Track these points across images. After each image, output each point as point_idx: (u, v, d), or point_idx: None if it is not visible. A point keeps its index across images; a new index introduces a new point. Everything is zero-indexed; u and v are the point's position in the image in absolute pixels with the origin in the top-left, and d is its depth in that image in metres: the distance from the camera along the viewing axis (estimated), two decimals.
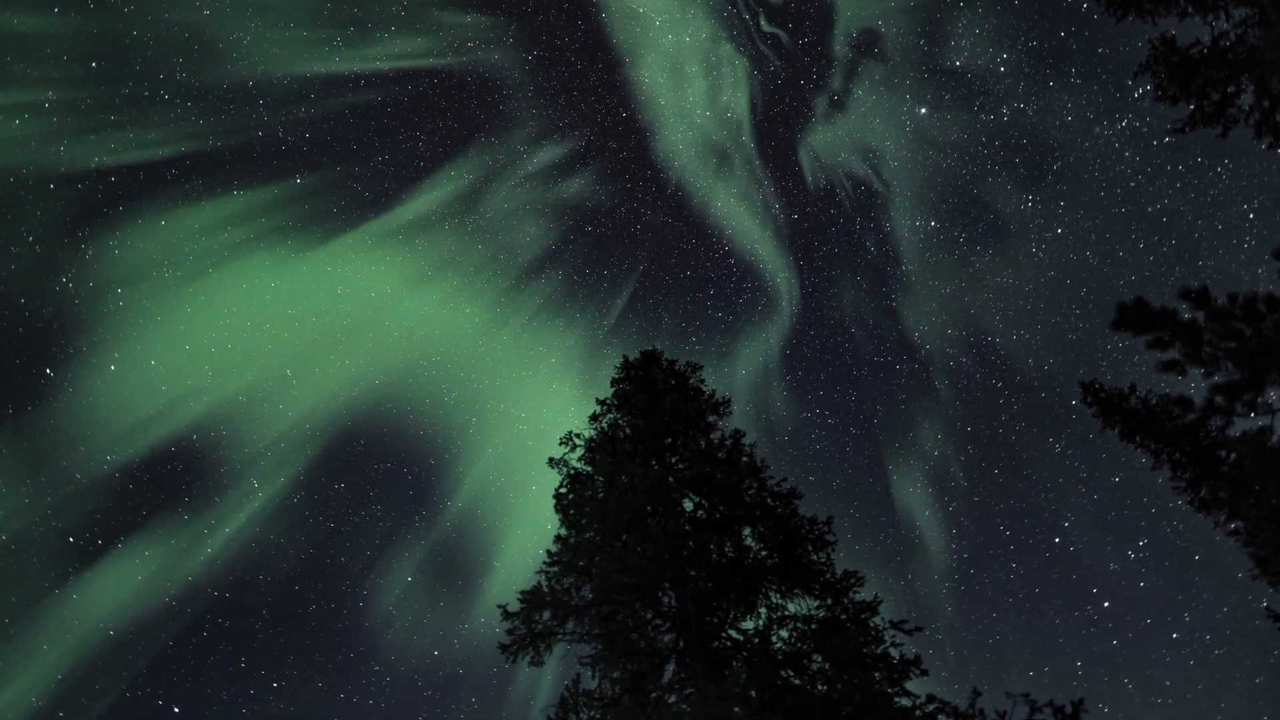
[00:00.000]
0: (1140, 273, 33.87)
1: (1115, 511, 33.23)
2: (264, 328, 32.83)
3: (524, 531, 33.68)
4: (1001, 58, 34.52)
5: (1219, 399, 9.92)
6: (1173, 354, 10.05)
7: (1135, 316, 10.26)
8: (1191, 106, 10.88)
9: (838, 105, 38.11)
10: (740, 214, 39.04)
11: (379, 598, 32.72)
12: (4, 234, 28.27)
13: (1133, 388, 10.55)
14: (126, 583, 29.02)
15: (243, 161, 31.75)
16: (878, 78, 36.76)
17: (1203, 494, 10.17)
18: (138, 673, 28.61)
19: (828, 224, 39.63)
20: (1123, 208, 33.81)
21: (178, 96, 30.24)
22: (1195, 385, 10.10)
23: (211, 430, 31.12)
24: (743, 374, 38.63)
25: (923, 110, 36.59)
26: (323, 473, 33.35)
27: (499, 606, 10.51)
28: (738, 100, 38.68)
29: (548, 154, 37.27)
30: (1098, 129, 33.79)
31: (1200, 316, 9.98)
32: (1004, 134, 35.64)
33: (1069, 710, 9.58)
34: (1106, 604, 32.44)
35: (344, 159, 33.92)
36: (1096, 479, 33.81)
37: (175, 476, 30.39)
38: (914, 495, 37.15)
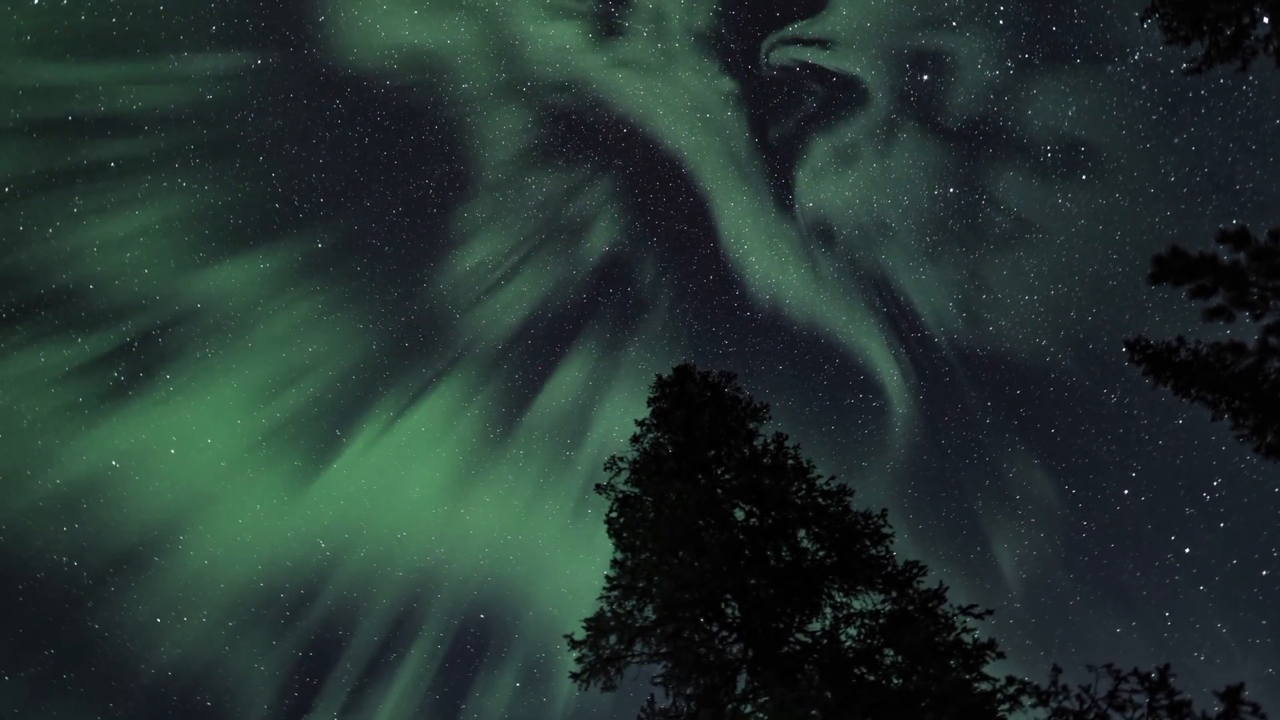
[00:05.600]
0: (1175, 207, 32.74)
1: (1183, 455, 32.16)
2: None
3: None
4: (999, 10, 33.72)
5: (1273, 340, 9.61)
6: (1218, 300, 9.75)
7: (1173, 267, 9.96)
8: (1205, 44, 10.52)
9: (840, 86, 37.66)
10: (752, 213, 38.87)
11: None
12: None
13: (1181, 340, 10.26)
14: None
15: None
16: (874, 53, 36.20)
17: (1269, 439, 9.87)
18: None
19: (843, 207, 39.15)
20: (1147, 143, 32.73)
21: None
22: (1248, 329, 9.81)
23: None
24: (780, 369, 38.41)
25: (924, 77, 35.94)
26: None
27: (565, 636, 10.65)
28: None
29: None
30: (1109, 67, 32.77)
31: (1242, 258, 9.66)
32: (1012, 88, 34.81)
33: (1155, 678, 9.34)
34: (1187, 550, 31.40)
35: None
36: (1158, 424, 32.76)
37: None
38: (970, 467, 36.48)
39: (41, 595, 28.96)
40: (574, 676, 10.59)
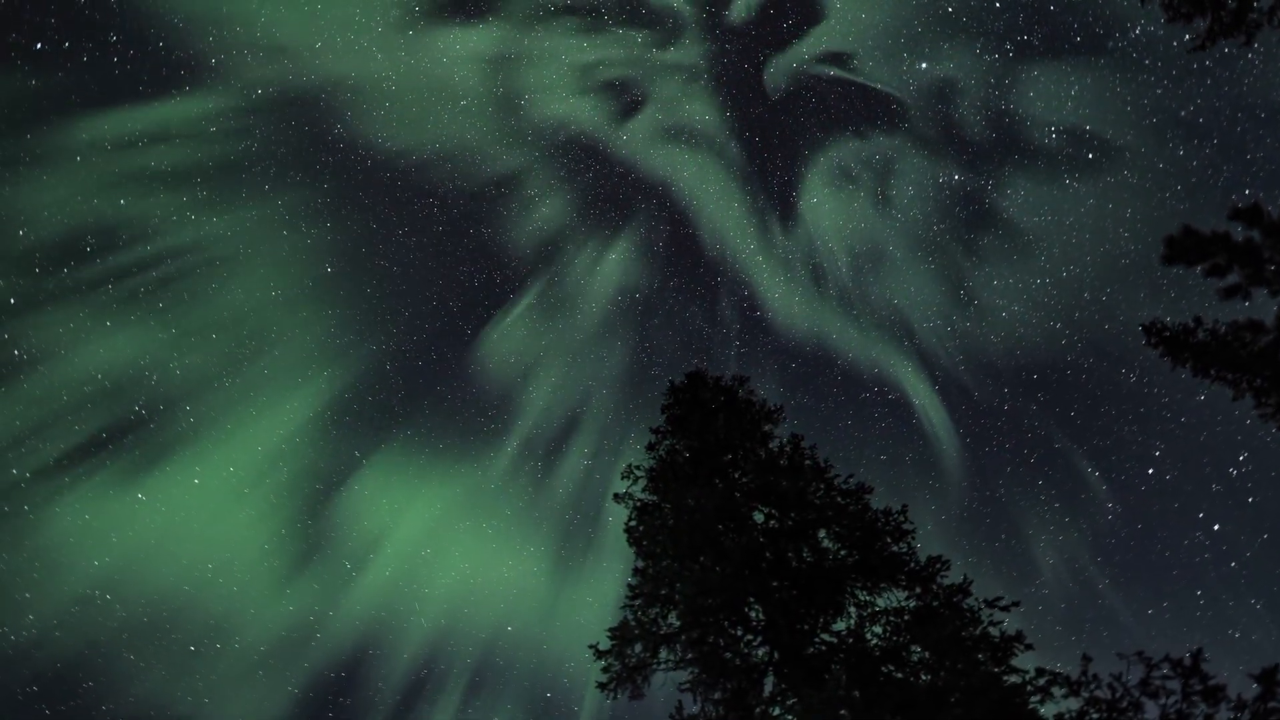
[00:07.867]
0: (1185, 180, 32.26)
1: (1206, 431, 31.70)
2: None
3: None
4: None
5: None
6: (1233, 278, 9.62)
7: (1185, 247, 9.82)
8: (1208, 20, 10.40)
9: (840, 84, 37.55)
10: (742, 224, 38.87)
11: None
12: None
13: (1198, 320, 10.12)
14: None
15: None
16: (871, 44, 36.02)
17: None
18: None
19: (848, 201, 38.97)
20: (1153, 118, 32.27)
21: None
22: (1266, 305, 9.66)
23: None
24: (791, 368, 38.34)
25: (923, 65, 35.74)
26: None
27: (590, 646, 10.67)
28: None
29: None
30: (1110, 43, 32.37)
31: (1255, 234, 9.54)
32: (1012, 71, 34.49)
33: (1188, 663, 9.21)
34: (1216, 526, 30.97)
35: None
36: (1180, 401, 32.31)
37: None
38: (990, 454, 36.14)
39: (76, 629, 29.43)
40: (601, 686, 10.61)
